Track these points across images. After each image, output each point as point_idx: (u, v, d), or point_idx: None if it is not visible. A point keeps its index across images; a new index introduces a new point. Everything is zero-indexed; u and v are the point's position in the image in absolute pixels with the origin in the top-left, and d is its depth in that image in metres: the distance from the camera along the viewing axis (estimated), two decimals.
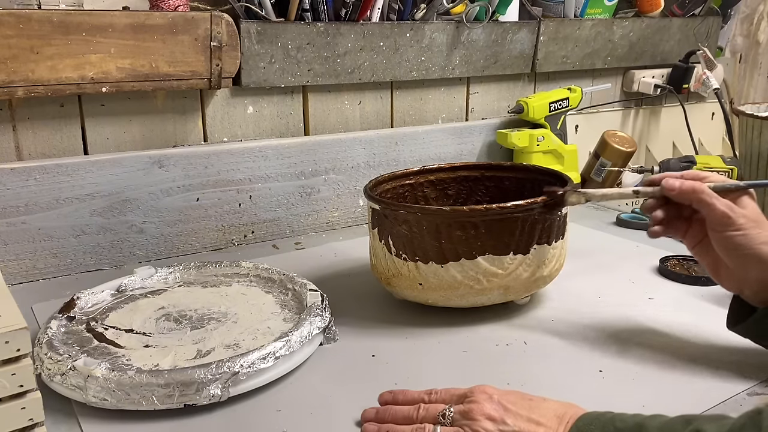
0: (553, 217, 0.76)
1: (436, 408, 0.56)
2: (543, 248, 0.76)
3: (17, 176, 0.87)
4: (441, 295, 0.76)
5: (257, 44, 1.01)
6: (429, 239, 0.73)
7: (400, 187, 0.91)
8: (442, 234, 0.73)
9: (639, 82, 1.54)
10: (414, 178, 0.93)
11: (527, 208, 0.73)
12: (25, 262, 0.90)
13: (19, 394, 0.50)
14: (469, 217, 0.72)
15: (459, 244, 0.73)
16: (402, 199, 0.91)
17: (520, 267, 0.75)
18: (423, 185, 0.94)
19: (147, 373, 0.60)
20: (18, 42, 0.82)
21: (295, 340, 0.66)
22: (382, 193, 0.87)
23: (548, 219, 0.76)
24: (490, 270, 0.74)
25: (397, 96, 1.23)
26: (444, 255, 0.73)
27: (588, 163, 1.42)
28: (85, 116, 0.95)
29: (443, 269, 0.74)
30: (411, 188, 0.93)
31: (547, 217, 0.75)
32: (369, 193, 0.80)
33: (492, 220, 0.72)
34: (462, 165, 0.96)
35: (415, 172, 0.93)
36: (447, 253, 0.73)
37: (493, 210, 0.72)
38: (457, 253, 0.73)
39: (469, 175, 0.95)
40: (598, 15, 1.41)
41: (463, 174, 0.95)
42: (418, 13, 1.15)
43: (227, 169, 1.02)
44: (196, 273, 0.87)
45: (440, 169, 0.95)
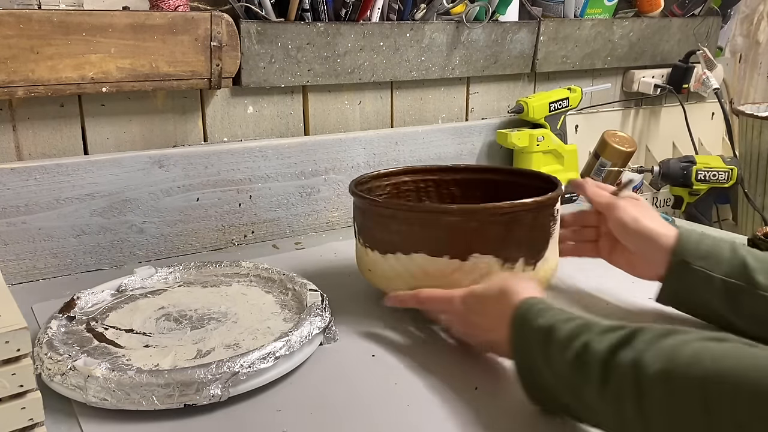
0: (501, 230, 0.71)
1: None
2: (487, 260, 0.72)
3: (17, 176, 0.87)
4: (384, 284, 0.78)
5: (257, 44, 1.01)
6: (377, 229, 0.77)
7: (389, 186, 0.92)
8: (386, 226, 0.76)
9: (639, 82, 1.54)
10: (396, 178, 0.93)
11: (461, 212, 0.72)
12: (25, 262, 0.90)
13: (19, 394, 0.50)
14: (408, 211, 0.75)
15: (398, 237, 0.75)
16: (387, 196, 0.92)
17: (456, 273, 0.72)
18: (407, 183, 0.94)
19: (147, 373, 0.60)
20: (18, 42, 0.82)
21: (295, 340, 0.66)
22: (368, 190, 0.88)
23: (493, 230, 0.71)
24: (424, 269, 0.73)
25: (397, 96, 1.23)
26: (384, 246, 0.76)
27: (588, 163, 1.42)
28: (85, 116, 0.95)
29: (383, 258, 0.76)
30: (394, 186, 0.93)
31: (492, 227, 0.71)
32: (351, 188, 0.81)
33: (426, 220, 0.73)
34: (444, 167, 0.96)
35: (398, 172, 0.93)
36: (386, 244, 0.76)
37: (422, 208, 0.75)
38: (394, 246, 0.75)
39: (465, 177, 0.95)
40: (598, 15, 1.41)
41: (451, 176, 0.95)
42: (418, 13, 1.15)
43: (227, 169, 1.02)
44: (196, 273, 0.87)
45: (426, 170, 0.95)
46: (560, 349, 0.53)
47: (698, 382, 0.43)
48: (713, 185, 1.31)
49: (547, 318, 0.57)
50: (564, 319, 0.56)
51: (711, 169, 1.30)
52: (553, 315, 0.57)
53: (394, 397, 0.63)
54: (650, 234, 0.70)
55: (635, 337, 0.49)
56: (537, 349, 0.56)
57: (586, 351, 0.51)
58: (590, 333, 0.52)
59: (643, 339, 0.48)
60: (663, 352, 0.46)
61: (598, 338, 0.51)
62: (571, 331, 0.54)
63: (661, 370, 0.45)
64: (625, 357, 0.48)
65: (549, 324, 0.56)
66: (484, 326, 0.66)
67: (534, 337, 0.57)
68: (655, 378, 0.45)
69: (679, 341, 0.47)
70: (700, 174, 1.30)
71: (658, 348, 0.47)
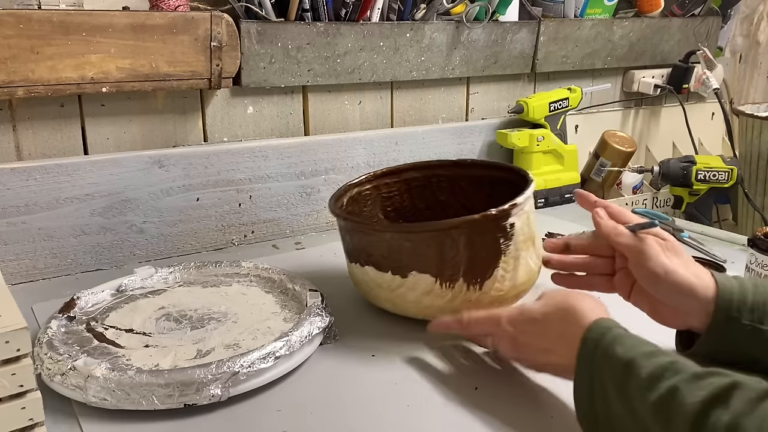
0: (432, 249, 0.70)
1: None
2: (425, 278, 0.71)
3: (17, 176, 0.87)
4: (360, 289, 0.80)
5: (257, 44, 1.01)
6: (343, 239, 0.80)
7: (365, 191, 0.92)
8: (344, 237, 0.80)
9: (639, 82, 1.54)
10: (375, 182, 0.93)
11: (394, 231, 0.74)
12: (25, 262, 0.90)
13: (19, 394, 0.50)
14: (354, 225, 0.77)
15: (352, 250, 0.78)
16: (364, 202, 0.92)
17: (401, 288, 0.73)
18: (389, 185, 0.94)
19: (147, 373, 0.60)
20: (18, 42, 0.82)
21: (295, 340, 0.66)
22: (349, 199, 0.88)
23: (424, 249, 0.70)
24: (375, 280, 0.75)
25: (397, 96, 1.23)
26: (348, 255, 0.80)
27: (588, 163, 1.42)
28: (85, 116, 0.95)
29: (351, 266, 0.80)
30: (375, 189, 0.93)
31: (422, 247, 0.70)
32: (331, 207, 0.81)
33: (366, 237, 0.75)
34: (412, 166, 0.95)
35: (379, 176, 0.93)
36: (348, 254, 0.80)
37: (362, 225, 0.76)
38: (351, 257, 0.79)
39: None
40: (598, 15, 1.41)
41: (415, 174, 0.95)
42: (418, 13, 1.15)
43: (227, 169, 1.02)
44: (196, 273, 0.87)
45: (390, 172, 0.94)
46: (642, 389, 0.49)
47: None
48: (713, 185, 1.31)
49: (627, 348, 0.52)
50: (647, 353, 0.51)
51: (711, 169, 1.30)
52: (634, 345, 0.52)
53: (394, 397, 0.63)
54: (686, 287, 0.60)
55: (732, 394, 0.45)
56: (612, 380, 0.51)
57: (674, 399, 0.46)
58: (678, 377, 0.48)
59: (742, 398, 0.44)
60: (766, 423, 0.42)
61: (688, 386, 0.46)
62: (656, 370, 0.49)
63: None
64: (720, 418, 0.44)
65: (630, 356, 0.51)
66: (540, 347, 0.61)
67: (610, 366, 0.52)
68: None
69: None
70: (700, 174, 1.30)
71: (759, 414, 0.43)
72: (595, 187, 1.40)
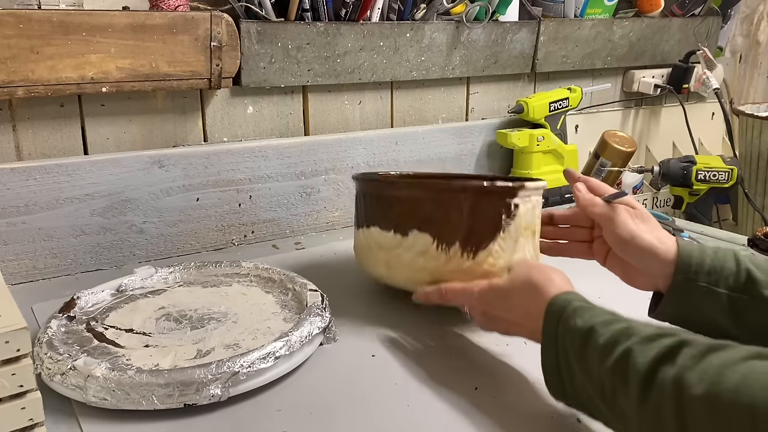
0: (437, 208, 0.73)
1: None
2: (423, 238, 0.74)
3: (17, 176, 0.87)
4: (359, 259, 0.83)
5: (257, 44, 1.01)
6: (357, 206, 0.83)
7: None
8: (359, 201, 0.82)
9: (639, 82, 1.54)
10: None
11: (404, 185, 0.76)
12: (25, 262, 0.90)
13: (19, 394, 0.50)
14: (373, 180, 0.80)
15: (362, 212, 0.81)
16: None
17: (399, 248, 0.75)
18: None
19: (147, 373, 0.60)
20: (18, 42, 0.82)
21: (295, 340, 0.66)
22: None
23: (429, 207, 0.73)
24: (377, 240, 0.78)
25: (397, 96, 1.23)
26: (358, 221, 0.83)
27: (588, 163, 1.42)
28: (85, 116, 0.95)
29: (358, 233, 0.82)
30: None
31: (428, 204, 0.73)
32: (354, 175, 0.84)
33: (390, 193, 0.77)
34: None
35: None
36: (359, 219, 0.82)
37: (373, 176, 0.78)
38: (364, 219, 0.81)
39: None
40: (598, 15, 1.41)
41: None
42: (418, 13, 1.15)
43: (227, 169, 1.02)
44: (196, 273, 0.87)
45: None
46: (599, 355, 0.52)
47: (747, 410, 0.41)
48: (713, 185, 1.31)
49: (586, 319, 0.55)
50: (604, 322, 0.54)
51: (711, 169, 1.30)
52: (593, 315, 0.55)
53: (394, 397, 0.63)
54: (650, 250, 0.67)
55: (679, 351, 0.47)
56: (573, 351, 0.55)
57: (628, 361, 0.49)
58: (632, 340, 0.50)
59: (687, 355, 0.47)
60: (708, 373, 0.44)
61: (640, 348, 0.49)
62: (612, 337, 0.52)
63: (705, 393, 0.44)
64: (667, 373, 0.46)
65: (588, 326, 0.54)
66: (508, 320, 0.65)
67: (571, 338, 0.55)
68: (699, 401, 0.44)
69: (726, 360, 0.45)
70: (700, 174, 1.30)
71: (702, 367, 0.45)
72: None
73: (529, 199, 0.75)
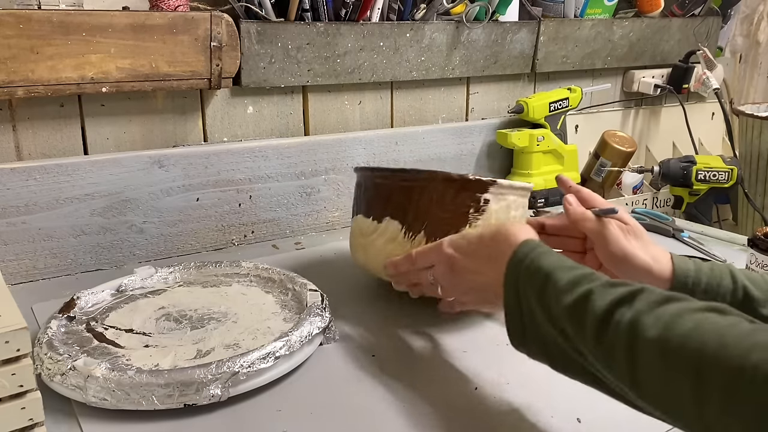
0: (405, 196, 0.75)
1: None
2: (394, 225, 0.75)
3: (17, 176, 0.87)
4: (351, 247, 0.85)
5: (257, 44, 1.01)
6: (357, 193, 0.84)
7: None
8: (358, 187, 0.83)
9: (639, 82, 1.54)
10: None
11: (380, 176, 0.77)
12: (25, 262, 0.90)
13: (19, 394, 0.50)
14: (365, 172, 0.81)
15: (358, 197, 0.82)
16: None
17: (374, 234, 0.78)
18: None
19: (147, 373, 0.60)
20: (18, 42, 0.82)
21: (295, 340, 0.66)
22: None
23: (399, 195, 0.75)
24: (360, 227, 0.80)
25: (397, 96, 1.23)
26: (353, 210, 0.84)
27: (588, 163, 1.42)
28: (85, 116, 0.95)
29: (352, 222, 0.84)
30: None
31: (398, 192, 0.75)
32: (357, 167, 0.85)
33: (371, 180, 0.79)
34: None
35: None
36: (353, 208, 0.84)
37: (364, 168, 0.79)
38: (356, 208, 0.83)
39: None
40: (598, 15, 1.41)
41: None
42: (418, 13, 1.15)
43: (227, 169, 1.02)
44: (196, 273, 0.87)
45: None
46: (559, 293, 0.52)
47: (694, 355, 0.42)
48: (713, 185, 1.31)
49: (550, 261, 0.56)
50: (567, 266, 0.55)
51: (711, 169, 1.30)
52: (557, 260, 0.56)
53: (393, 397, 0.63)
54: (644, 269, 0.65)
55: (637, 296, 0.48)
56: (533, 290, 0.55)
57: (587, 300, 0.50)
58: (593, 283, 0.51)
59: (645, 300, 0.48)
60: (662, 319, 0.45)
61: (601, 290, 0.50)
62: (574, 278, 0.53)
63: (657, 337, 0.45)
64: (623, 315, 0.47)
65: (552, 267, 0.55)
66: (472, 268, 0.65)
67: (533, 278, 0.55)
68: (651, 343, 0.45)
69: (681, 309, 0.46)
70: (700, 174, 1.30)
71: (658, 313, 0.46)
72: (595, 187, 1.40)
73: (503, 197, 0.75)
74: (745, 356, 0.40)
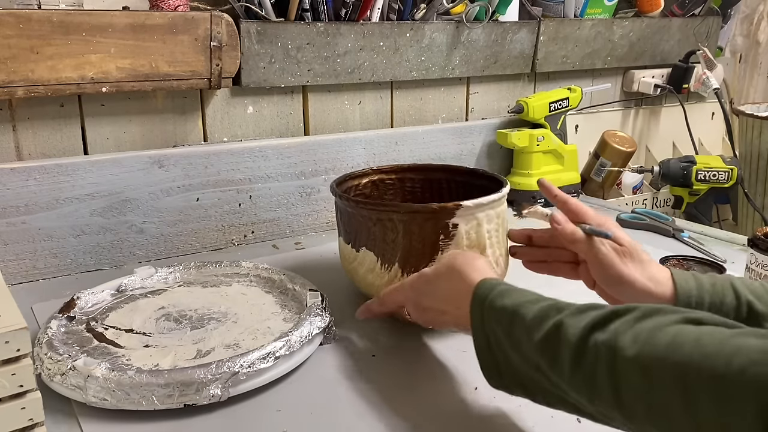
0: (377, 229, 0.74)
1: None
2: (370, 256, 0.75)
3: (17, 176, 0.87)
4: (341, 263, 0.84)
5: (257, 44, 1.01)
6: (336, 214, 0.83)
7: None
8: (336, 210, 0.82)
9: (639, 82, 1.54)
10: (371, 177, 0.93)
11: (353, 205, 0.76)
12: (25, 262, 0.90)
13: (19, 394, 0.50)
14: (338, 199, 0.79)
15: (338, 219, 0.82)
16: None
17: (355, 262, 0.78)
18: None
19: (147, 373, 0.60)
20: (18, 42, 0.82)
21: (295, 340, 0.66)
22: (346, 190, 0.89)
23: (370, 228, 0.74)
24: (343, 251, 0.81)
25: (397, 96, 1.23)
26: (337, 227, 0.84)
27: (588, 163, 1.42)
28: (85, 116, 0.95)
29: (339, 241, 0.83)
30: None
31: (368, 225, 0.74)
32: (332, 186, 0.82)
33: (341, 210, 0.79)
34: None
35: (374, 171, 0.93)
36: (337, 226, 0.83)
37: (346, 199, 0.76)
38: (338, 229, 0.83)
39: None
40: (598, 15, 1.41)
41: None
42: (418, 13, 1.15)
43: (227, 169, 1.02)
44: (196, 273, 0.87)
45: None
46: (529, 330, 0.51)
47: (677, 368, 0.41)
48: (713, 185, 1.31)
49: (513, 298, 0.55)
50: (532, 300, 0.54)
51: (711, 169, 1.30)
52: (519, 296, 0.55)
53: (394, 397, 0.63)
54: (644, 292, 0.62)
55: (612, 318, 0.47)
56: (501, 330, 0.54)
57: (558, 331, 0.49)
58: (562, 314, 0.50)
59: (620, 321, 0.47)
60: (640, 336, 0.44)
61: (571, 319, 0.49)
62: (541, 312, 0.51)
63: (637, 354, 0.43)
64: (599, 338, 0.46)
65: (516, 304, 0.54)
66: (438, 308, 0.64)
67: (498, 318, 0.54)
68: (631, 362, 0.44)
69: (657, 324, 0.45)
70: (700, 174, 1.30)
71: (634, 331, 0.45)
72: (595, 187, 1.40)
73: (472, 216, 0.72)
74: (729, 362, 0.39)
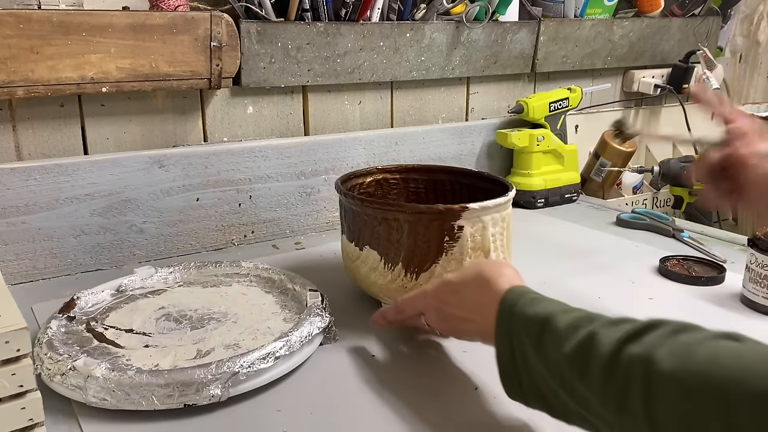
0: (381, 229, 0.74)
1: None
2: (374, 254, 0.75)
3: (17, 176, 0.87)
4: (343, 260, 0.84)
5: (257, 44, 1.01)
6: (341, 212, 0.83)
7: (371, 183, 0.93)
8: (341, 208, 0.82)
9: (639, 82, 1.54)
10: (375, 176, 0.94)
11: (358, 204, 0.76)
12: (25, 262, 0.90)
13: (19, 394, 0.50)
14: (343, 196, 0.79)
15: (341, 217, 0.82)
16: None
17: (358, 260, 0.78)
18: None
19: (147, 373, 0.60)
20: (18, 42, 0.82)
21: (295, 340, 0.66)
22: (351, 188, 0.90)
23: (374, 227, 0.74)
24: (346, 249, 0.81)
25: (397, 96, 1.23)
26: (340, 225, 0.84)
27: (588, 163, 1.42)
28: (85, 116, 0.95)
29: (342, 239, 0.83)
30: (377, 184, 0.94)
31: (373, 224, 0.74)
32: (337, 183, 0.82)
33: (349, 206, 0.78)
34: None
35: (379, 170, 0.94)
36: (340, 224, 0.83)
37: (351, 197, 0.76)
38: (342, 226, 0.83)
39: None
40: (598, 15, 1.41)
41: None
42: (418, 13, 1.15)
43: (227, 169, 1.02)
44: (196, 273, 0.87)
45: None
46: (559, 339, 0.50)
47: (717, 384, 0.40)
48: None
49: (543, 307, 0.53)
50: (563, 310, 0.53)
51: None
52: (550, 304, 0.54)
53: (394, 397, 0.63)
54: None
55: (646, 331, 0.46)
56: (529, 339, 0.52)
57: (591, 344, 0.47)
58: (594, 324, 0.49)
59: (655, 334, 0.45)
60: (676, 350, 0.43)
61: (605, 330, 0.47)
62: (573, 322, 0.50)
63: (674, 368, 0.42)
64: (633, 351, 0.44)
65: (546, 313, 0.52)
66: (460, 317, 0.63)
67: (526, 327, 0.53)
68: (669, 376, 0.42)
69: (694, 339, 0.43)
70: None
71: (671, 344, 0.43)
72: (595, 187, 1.40)
73: (477, 219, 0.72)
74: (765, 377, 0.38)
